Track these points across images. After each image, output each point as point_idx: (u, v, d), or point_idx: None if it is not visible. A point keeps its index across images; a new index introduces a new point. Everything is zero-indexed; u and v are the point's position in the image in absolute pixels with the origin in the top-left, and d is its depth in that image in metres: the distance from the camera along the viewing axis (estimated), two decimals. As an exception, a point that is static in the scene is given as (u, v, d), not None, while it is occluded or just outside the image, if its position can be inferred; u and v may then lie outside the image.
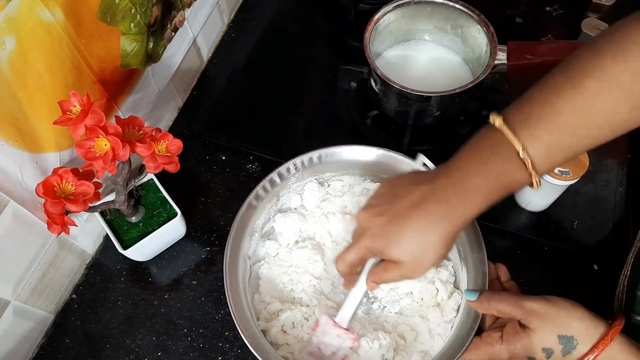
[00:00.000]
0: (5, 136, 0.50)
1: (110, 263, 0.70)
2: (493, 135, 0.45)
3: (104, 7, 0.57)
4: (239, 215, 0.61)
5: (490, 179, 0.45)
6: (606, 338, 0.46)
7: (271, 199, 0.64)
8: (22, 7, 0.47)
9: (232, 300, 0.56)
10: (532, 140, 0.43)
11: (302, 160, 0.64)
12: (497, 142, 0.44)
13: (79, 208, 0.54)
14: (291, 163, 0.64)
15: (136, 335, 0.65)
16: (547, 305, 0.48)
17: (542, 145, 0.43)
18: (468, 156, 0.47)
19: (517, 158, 0.43)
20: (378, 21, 0.72)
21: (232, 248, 0.59)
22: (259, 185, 0.63)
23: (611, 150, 0.74)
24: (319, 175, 0.67)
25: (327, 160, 0.65)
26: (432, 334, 0.59)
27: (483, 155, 0.45)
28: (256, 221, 0.63)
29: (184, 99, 0.83)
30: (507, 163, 0.44)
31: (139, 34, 0.65)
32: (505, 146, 0.44)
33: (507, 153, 0.44)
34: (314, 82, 0.84)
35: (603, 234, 0.68)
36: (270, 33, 0.89)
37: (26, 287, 0.60)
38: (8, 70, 0.48)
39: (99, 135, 0.51)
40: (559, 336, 0.47)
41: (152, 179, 0.68)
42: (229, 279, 0.57)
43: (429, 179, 0.48)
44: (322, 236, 0.66)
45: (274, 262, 0.64)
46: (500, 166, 0.44)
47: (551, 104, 0.42)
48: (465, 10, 0.71)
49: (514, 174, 0.44)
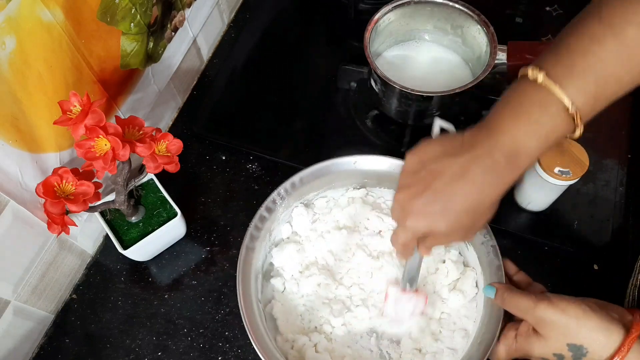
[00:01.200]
0: (5, 136, 0.50)
1: (110, 263, 0.70)
2: (537, 92, 0.43)
3: (104, 7, 0.57)
4: (240, 263, 0.58)
5: (541, 138, 0.43)
6: (622, 349, 0.45)
7: (265, 236, 0.62)
8: (22, 7, 0.47)
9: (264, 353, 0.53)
10: (580, 94, 0.42)
11: (285, 188, 0.62)
12: (543, 99, 0.43)
13: (79, 208, 0.54)
14: (275, 194, 0.62)
15: (136, 335, 0.65)
16: (558, 313, 0.47)
17: (590, 97, 0.42)
18: (511, 116, 0.44)
19: (566, 113, 0.42)
20: (378, 21, 0.72)
21: (244, 298, 0.56)
22: (251, 226, 0.60)
23: (611, 150, 0.74)
24: (304, 197, 0.65)
25: (309, 180, 0.63)
26: (459, 316, 0.60)
27: (532, 114, 0.43)
28: (257, 263, 0.60)
29: (184, 98, 0.83)
30: (558, 119, 0.43)
31: (139, 34, 0.65)
32: (554, 103, 0.42)
33: (556, 109, 0.42)
34: (314, 82, 0.84)
35: (603, 234, 0.68)
36: (270, 33, 0.89)
37: (26, 287, 0.60)
38: (8, 70, 0.48)
39: (99, 135, 0.51)
40: (568, 344, 0.47)
41: (152, 179, 0.68)
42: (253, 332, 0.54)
43: (466, 147, 0.45)
44: (325, 257, 0.64)
45: (284, 299, 0.62)
46: (551, 124, 0.43)
47: (594, 54, 0.41)
48: (465, 10, 0.71)
49: (563, 128, 0.43)
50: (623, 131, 0.76)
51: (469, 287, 0.61)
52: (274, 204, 0.62)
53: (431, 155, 0.46)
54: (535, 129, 0.43)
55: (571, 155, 0.61)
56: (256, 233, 0.60)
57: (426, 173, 0.46)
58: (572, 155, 0.61)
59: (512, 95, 0.45)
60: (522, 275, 0.57)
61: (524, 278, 0.57)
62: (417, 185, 0.46)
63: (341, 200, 0.67)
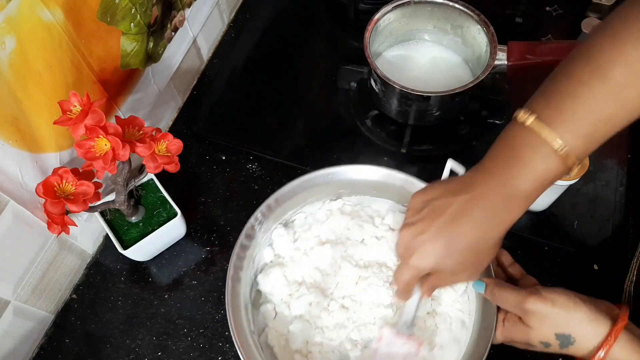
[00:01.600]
0: (5, 136, 0.50)
1: (110, 263, 0.70)
2: (527, 135, 0.44)
3: (104, 7, 0.57)
4: (228, 297, 0.56)
5: (536, 180, 0.44)
6: (609, 339, 0.46)
7: (248, 265, 0.60)
8: (22, 7, 0.47)
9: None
10: (570, 135, 0.43)
11: (261, 212, 0.61)
12: (534, 141, 0.44)
13: (79, 208, 0.54)
14: (252, 219, 0.60)
15: (136, 335, 0.65)
16: (547, 305, 0.48)
17: (581, 138, 0.43)
18: (504, 159, 0.45)
19: (557, 154, 0.43)
20: (378, 21, 0.72)
21: (238, 335, 0.55)
22: (233, 257, 0.58)
23: (611, 150, 0.74)
24: (281, 217, 0.64)
25: (284, 199, 0.62)
26: (454, 310, 0.60)
27: (523, 157, 0.44)
28: (245, 293, 0.59)
29: (184, 98, 0.83)
30: (549, 161, 0.44)
31: (139, 34, 0.65)
32: (544, 145, 0.43)
33: (548, 152, 0.43)
34: (314, 82, 0.84)
35: (603, 234, 0.68)
36: (270, 33, 0.89)
37: (26, 287, 0.60)
38: (8, 70, 0.48)
39: (99, 135, 0.51)
40: (556, 334, 0.48)
41: (152, 179, 0.68)
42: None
43: (465, 187, 0.47)
44: (312, 275, 0.63)
45: (277, 324, 0.61)
46: (543, 166, 0.44)
47: (583, 97, 0.42)
48: (465, 10, 0.71)
49: (555, 170, 0.44)
50: (623, 131, 0.75)
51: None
52: (252, 230, 0.61)
53: (434, 194, 0.48)
54: (528, 172, 0.44)
55: (571, 155, 0.61)
56: (239, 263, 0.59)
57: (429, 211, 0.47)
58: (572, 155, 0.61)
59: (505, 138, 0.46)
60: (516, 267, 0.58)
61: (517, 270, 0.58)
62: (421, 223, 0.47)
63: (319, 215, 0.66)
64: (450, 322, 0.60)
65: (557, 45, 0.69)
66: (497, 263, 0.59)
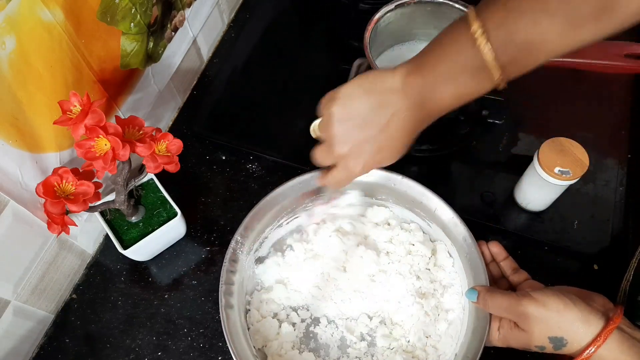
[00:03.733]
0: (5, 136, 0.50)
1: (110, 263, 0.70)
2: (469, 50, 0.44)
3: (104, 7, 0.57)
4: (225, 328, 0.56)
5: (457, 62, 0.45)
6: (598, 339, 0.47)
7: (240, 291, 0.61)
8: (22, 7, 0.47)
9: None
10: (505, 50, 0.43)
11: (240, 234, 0.61)
12: (475, 62, 0.44)
13: (79, 208, 0.54)
14: (233, 243, 0.61)
15: (136, 335, 0.65)
16: (539, 308, 0.49)
17: (511, 54, 0.43)
18: (442, 72, 0.46)
19: (490, 74, 0.44)
20: (378, 21, 0.71)
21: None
22: (222, 288, 0.58)
23: (611, 150, 0.74)
24: (260, 236, 0.65)
25: (259, 217, 0.63)
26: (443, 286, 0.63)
27: (458, 78, 0.46)
28: (240, 318, 0.60)
29: (184, 98, 0.83)
30: (481, 82, 0.45)
31: (139, 34, 0.65)
32: (483, 70, 0.44)
33: (484, 75, 0.44)
34: (314, 82, 0.84)
35: (603, 233, 0.68)
36: (270, 33, 0.89)
37: (26, 287, 0.60)
38: (8, 70, 0.48)
39: (99, 135, 0.51)
40: (549, 337, 0.49)
41: (152, 179, 0.68)
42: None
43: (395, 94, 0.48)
44: (306, 297, 0.64)
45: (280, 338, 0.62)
46: (474, 86, 0.45)
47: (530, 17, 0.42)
48: (465, 10, 0.71)
49: (482, 88, 0.45)
50: (623, 131, 0.76)
51: (445, 260, 0.64)
52: (234, 254, 0.61)
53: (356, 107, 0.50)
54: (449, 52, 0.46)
55: (571, 155, 0.61)
56: (229, 288, 0.59)
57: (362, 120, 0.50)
58: (572, 155, 0.61)
59: (448, 43, 0.47)
60: (509, 262, 0.59)
61: (510, 264, 0.59)
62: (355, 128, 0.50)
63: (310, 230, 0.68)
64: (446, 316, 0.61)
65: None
66: (491, 256, 0.60)
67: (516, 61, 0.44)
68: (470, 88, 0.46)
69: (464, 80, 0.46)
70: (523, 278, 0.58)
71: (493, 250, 0.60)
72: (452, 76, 0.46)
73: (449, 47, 0.46)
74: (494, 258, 0.60)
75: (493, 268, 0.60)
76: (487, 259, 0.60)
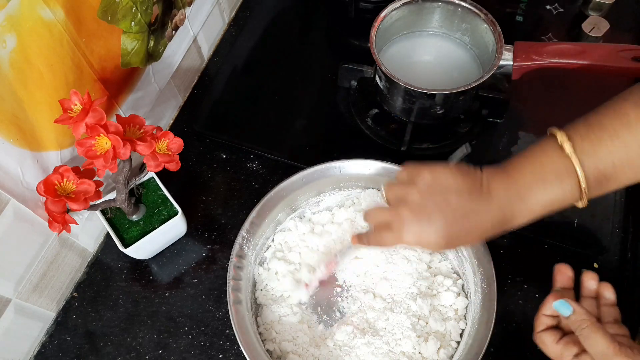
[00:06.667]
0: (6, 134, 0.50)
1: (111, 261, 0.70)
2: (558, 160, 0.45)
3: (105, 6, 0.57)
4: (235, 325, 0.57)
5: (546, 206, 0.47)
6: None
7: (246, 285, 0.61)
8: (23, 5, 0.47)
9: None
10: (595, 172, 0.44)
11: (245, 229, 0.62)
12: (562, 169, 0.45)
13: (80, 206, 0.54)
14: (239, 239, 0.62)
15: (137, 333, 0.65)
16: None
17: (603, 176, 0.44)
18: (529, 175, 0.47)
19: (578, 187, 0.45)
20: (385, 18, 0.71)
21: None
22: (229, 285, 0.59)
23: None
24: (265, 232, 0.65)
25: (265, 212, 0.64)
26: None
27: (546, 181, 0.46)
28: (249, 315, 0.60)
29: (184, 97, 0.84)
30: (567, 192, 0.45)
31: (139, 33, 0.65)
32: (569, 177, 0.45)
33: (570, 183, 0.45)
34: (314, 81, 0.84)
35: (603, 233, 0.68)
36: (270, 31, 0.89)
37: (27, 286, 0.60)
38: (9, 68, 0.48)
39: (100, 134, 0.51)
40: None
41: (153, 178, 0.68)
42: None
43: (482, 193, 0.47)
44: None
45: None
46: (560, 194, 0.46)
47: (620, 138, 0.43)
48: (472, 8, 0.70)
49: (567, 200, 0.46)
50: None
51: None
52: (241, 249, 0.62)
53: (448, 182, 0.48)
54: (546, 197, 0.46)
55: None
56: (237, 284, 0.60)
57: (441, 198, 0.47)
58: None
59: (538, 152, 0.47)
60: (614, 310, 0.49)
61: (614, 313, 0.49)
62: (428, 202, 0.47)
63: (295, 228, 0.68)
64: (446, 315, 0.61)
65: (564, 47, 0.67)
66: (595, 296, 0.51)
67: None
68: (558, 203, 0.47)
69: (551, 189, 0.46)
70: (621, 333, 0.47)
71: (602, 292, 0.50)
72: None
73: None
74: (596, 295, 0.51)
75: (589, 305, 0.50)
76: (585, 293, 0.51)
